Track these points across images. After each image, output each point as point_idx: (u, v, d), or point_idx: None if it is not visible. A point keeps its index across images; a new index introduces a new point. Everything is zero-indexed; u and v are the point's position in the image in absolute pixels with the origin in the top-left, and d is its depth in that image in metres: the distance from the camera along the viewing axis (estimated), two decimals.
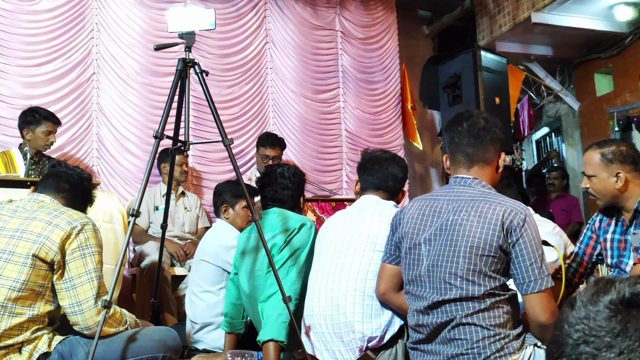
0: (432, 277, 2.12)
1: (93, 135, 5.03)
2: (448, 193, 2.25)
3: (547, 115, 7.94)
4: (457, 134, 2.28)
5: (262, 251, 2.81)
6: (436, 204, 2.24)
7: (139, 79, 5.20)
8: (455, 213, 2.14)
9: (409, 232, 2.24)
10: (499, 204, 2.08)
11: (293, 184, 3.03)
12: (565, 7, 5.85)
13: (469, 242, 2.06)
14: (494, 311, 2.06)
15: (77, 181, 2.50)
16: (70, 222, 2.22)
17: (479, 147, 2.24)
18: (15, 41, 4.77)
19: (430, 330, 2.12)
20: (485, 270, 2.05)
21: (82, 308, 2.18)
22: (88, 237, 2.24)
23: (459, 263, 2.06)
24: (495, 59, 5.97)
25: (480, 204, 2.10)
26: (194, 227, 4.76)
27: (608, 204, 2.70)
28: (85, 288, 2.19)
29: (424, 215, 2.24)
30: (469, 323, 2.04)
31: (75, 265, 2.19)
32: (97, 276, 2.23)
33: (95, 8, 5.11)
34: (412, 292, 2.21)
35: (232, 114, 5.58)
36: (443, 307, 2.09)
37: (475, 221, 2.07)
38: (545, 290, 2.04)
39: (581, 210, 6.56)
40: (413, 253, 2.21)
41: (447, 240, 2.12)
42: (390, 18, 6.65)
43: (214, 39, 5.54)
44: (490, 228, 2.05)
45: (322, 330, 2.51)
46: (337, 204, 4.80)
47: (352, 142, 6.22)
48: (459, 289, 2.06)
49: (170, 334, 2.41)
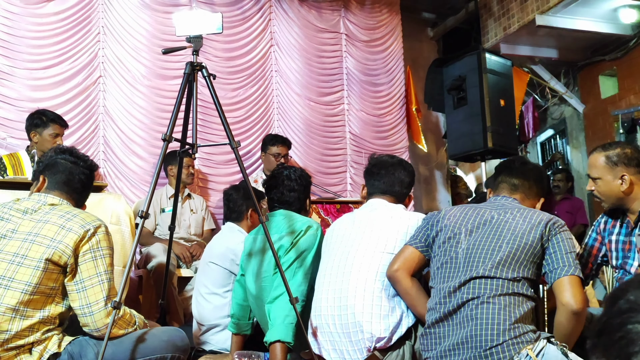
0: (468, 257, 2.24)
1: (100, 137, 5.05)
2: (491, 204, 2.45)
3: (552, 118, 7.95)
4: (510, 171, 2.58)
5: (269, 253, 2.83)
6: (479, 210, 2.40)
7: (145, 82, 5.22)
8: (499, 214, 2.32)
9: (450, 225, 2.37)
10: (543, 213, 2.29)
11: (300, 186, 3.05)
12: (570, 9, 5.87)
13: (514, 233, 2.22)
14: (518, 299, 2.13)
15: (89, 182, 2.50)
16: (84, 225, 2.22)
17: (526, 185, 2.55)
18: (22, 44, 4.80)
19: (453, 307, 2.18)
20: (523, 258, 2.18)
21: (92, 310, 2.19)
22: (100, 240, 2.24)
23: (502, 247, 2.20)
24: (500, 61, 5.97)
25: (525, 210, 2.32)
26: (199, 229, 4.78)
27: (613, 206, 2.71)
28: (96, 290, 2.20)
29: (467, 215, 2.39)
30: (493, 303, 2.10)
31: (87, 267, 2.20)
32: (107, 278, 2.24)
33: (101, 11, 5.14)
34: (443, 274, 2.29)
35: (237, 116, 5.60)
36: (472, 284, 2.17)
37: (521, 221, 2.26)
38: (578, 277, 2.13)
39: (586, 213, 6.56)
40: (451, 240, 2.33)
41: (490, 231, 2.27)
42: (394, 20, 6.67)
43: (220, 42, 5.56)
44: (535, 224, 2.23)
45: (330, 330, 2.53)
46: (342, 206, 4.81)
47: (357, 145, 6.24)
48: (493, 268, 2.15)
49: (178, 334, 2.42)
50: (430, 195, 7.13)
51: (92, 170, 2.54)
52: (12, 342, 2.08)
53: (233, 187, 3.73)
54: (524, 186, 2.52)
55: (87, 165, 2.51)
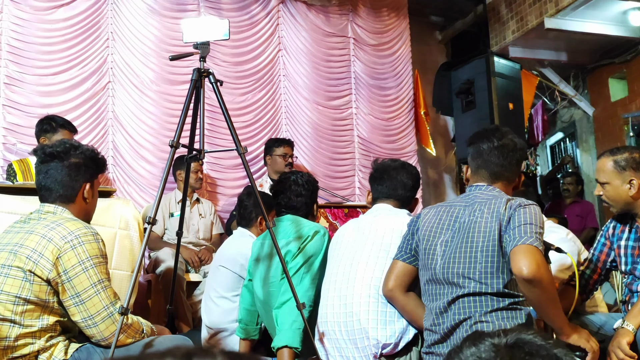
0: (447, 274, 2.15)
1: (109, 142, 5.08)
2: (464, 199, 2.32)
3: (561, 121, 7.91)
4: (488, 151, 2.34)
5: (276, 258, 2.83)
6: (452, 209, 2.30)
7: (154, 87, 5.25)
8: (470, 214, 2.20)
9: (426, 236, 2.29)
10: (509, 199, 2.17)
11: (307, 191, 3.05)
12: (579, 12, 5.84)
13: (486, 237, 2.11)
14: (513, 312, 2.07)
15: (75, 171, 2.28)
16: (65, 237, 2.10)
17: (507, 168, 2.34)
18: (32, 50, 4.84)
19: (447, 329, 2.12)
20: (503, 263, 2.09)
21: (95, 321, 2.12)
22: (87, 250, 2.12)
23: (477, 257, 2.10)
24: (509, 64, 5.96)
25: (493, 201, 2.18)
26: (208, 233, 4.79)
27: (621, 211, 2.69)
28: (95, 301, 2.11)
29: (440, 220, 2.29)
30: (487, 321, 2.04)
31: (80, 281, 2.09)
32: (103, 287, 2.14)
33: (110, 17, 5.18)
34: (429, 292, 2.23)
35: (245, 121, 5.61)
36: (461, 303, 2.10)
37: (489, 217, 2.14)
38: (531, 245, 1.99)
39: (596, 216, 6.52)
40: (428, 255, 2.25)
41: (464, 239, 2.16)
42: (402, 24, 6.66)
43: (228, 47, 5.58)
44: (500, 218, 2.12)
45: (336, 336, 2.53)
46: (350, 211, 4.80)
47: (365, 149, 6.23)
48: (477, 283, 2.08)
49: (184, 341, 2.41)
50: (439, 199, 7.10)
51: (67, 155, 2.25)
52: (16, 352, 2.06)
53: (247, 192, 3.73)
54: (504, 175, 2.33)
55: (61, 153, 2.25)
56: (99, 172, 2.39)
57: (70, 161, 2.27)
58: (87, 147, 2.36)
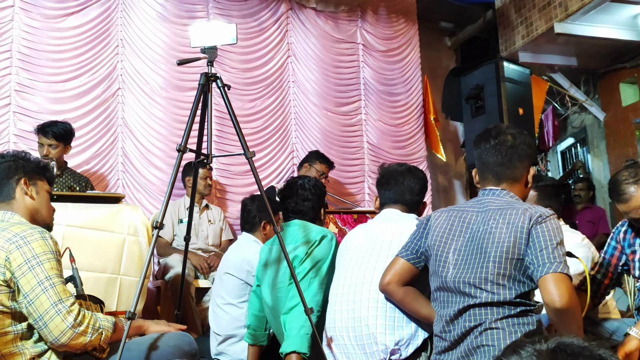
0: (459, 283, 2.11)
1: (118, 149, 5.10)
2: (476, 204, 2.26)
3: (572, 126, 7.86)
4: (485, 152, 2.28)
5: (284, 263, 2.82)
6: (465, 215, 2.24)
7: (163, 94, 5.27)
8: (484, 223, 2.14)
9: (437, 243, 2.24)
10: (527, 210, 2.09)
11: (314, 195, 3.04)
12: (589, 17, 5.81)
13: (499, 248, 2.05)
14: (525, 318, 2.03)
15: (7, 171, 2.28)
16: (10, 239, 2.06)
17: (507, 166, 2.25)
18: (42, 58, 4.88)
19: (457, 336, 2.09)
20: (515, 274, 2.04)
21: (45, 321, 2.02)
22: (33, 248, 2.06)
23: (489, 267, 2.05)
24: (518, 69, 5.93)
25: (509, 212, 2.11)
26: (217, 239, 4.79)
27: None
28: (42, 300, 2.03)
29: (452, 226, 2.24)
30: (498, 328, 2.01)
31: (27, 280, 2.03)
32: (51, 284, 2.04)
33: (120, 25, 5.21)
34: (440, 299, 2.19)
35: (255, 127, 5.62)
36: (472, 311, 2.06)
37: (504, 228, 2.07)
38: (560, 274, 1.96)
39: (608, 222, 6.46)
40: (440, 262, 2.20)
41: (476, 248, 2.11)
42: (412, 30, 6.66)
43: (237, 54, 5.60)
44: (518, 231, 2.04)
45: (344, 342, 2.51)
46: (359, 216, 4.80)
47: (374, 155, 6.22)
48: (489, 293, 2.04)
49: (185, 338, 2.37)
50: (449, 205, 7.06)
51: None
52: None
53: (251, 197, 3.73)
54: (506, 174, 2.25)
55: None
56: (35, 172, 2.36)
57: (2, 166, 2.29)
58: (15, 151, 2.38)
